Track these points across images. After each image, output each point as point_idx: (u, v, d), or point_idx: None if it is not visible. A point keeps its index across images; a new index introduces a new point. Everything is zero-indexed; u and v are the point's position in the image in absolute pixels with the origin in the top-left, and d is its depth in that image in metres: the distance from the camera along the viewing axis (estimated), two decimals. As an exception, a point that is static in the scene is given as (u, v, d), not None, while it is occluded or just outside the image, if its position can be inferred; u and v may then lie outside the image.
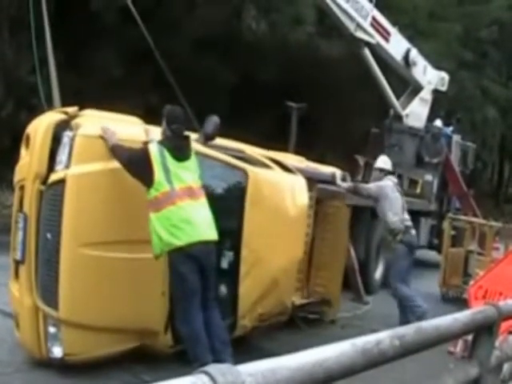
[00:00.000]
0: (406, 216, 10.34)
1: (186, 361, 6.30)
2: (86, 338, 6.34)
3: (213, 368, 2.37)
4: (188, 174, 6.45)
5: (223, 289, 7.39)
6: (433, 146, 17.67)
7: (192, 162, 6.57)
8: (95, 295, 6.28)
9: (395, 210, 10.15)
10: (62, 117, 6.59)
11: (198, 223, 6.34)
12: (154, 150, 6.31)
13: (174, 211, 6.22)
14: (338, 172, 10.77)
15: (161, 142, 6.46)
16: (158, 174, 6.22)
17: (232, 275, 7.42)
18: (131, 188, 6.38)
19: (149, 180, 6.23)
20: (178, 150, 6.47)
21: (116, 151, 6.32)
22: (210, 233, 6.41)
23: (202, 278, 6.35)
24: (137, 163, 6.32)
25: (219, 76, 19.23)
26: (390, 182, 10.43)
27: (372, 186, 10.42)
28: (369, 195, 10.40)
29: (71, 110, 6.70)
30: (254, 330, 7.97)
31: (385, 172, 10.68)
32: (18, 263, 6.59)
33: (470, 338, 7.79)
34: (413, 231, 10.42)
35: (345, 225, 10.26)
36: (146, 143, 6.42)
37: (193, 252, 6.24)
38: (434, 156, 17.53)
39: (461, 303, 11.19)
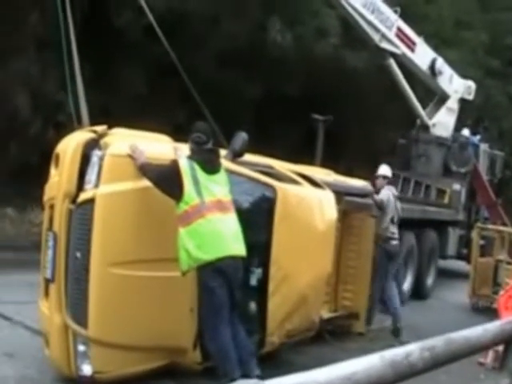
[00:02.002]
0: (393, 228, 11.02)
1: (215, 377, 6.32)
2: (115, 356, 6.37)
3: (242, 383, 2.39)
4: (218, 187, 6.47)
5: (252, 306, 7.38)
6: (460, 156, 17.59)
7: (222, 176, 6.60)
8: (124, 313, 6.31)
9: (386, 218, 10.83)
10: (91, 136, 6.63)
11: (226, 237, 6.35)
12: (183, 163, 6.35)
13: (203, 224, 6.23)
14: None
15: (190, 157, 6.51)
16: (188, 186, 6.24)
17: (261, 292, 7.40)
18: (160, 207, 6.43)
19: (179, 194, 6.24)
20: (208, 163, 6.50)
21: (145, 169, 6.36)
22: (238, 248, 6.42)
23: (229, 293, 6.37)
24: (167, 178, 6.37)
25: (244, 90, 19.25)
26: (390, 193, 11.18)
27: (385, 198, 10.94)
28: (385, 207, 10.93)
29: (100, 128, 6.74)
30: (282, 346, 7.97)
31: (387, 180, 11.49)
32: (47, 281, 6.64)
33: (500, 348, 7.75)
34: (394, 242, 10.97)
35: (370, 237, 10.25)
36: (174, 160, 6.47)
37: (221, 266, 6.24)
38: (461, 165, 17.45)
39: (491, 313, 11.10)
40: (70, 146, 6.63)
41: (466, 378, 7.86)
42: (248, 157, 7.94)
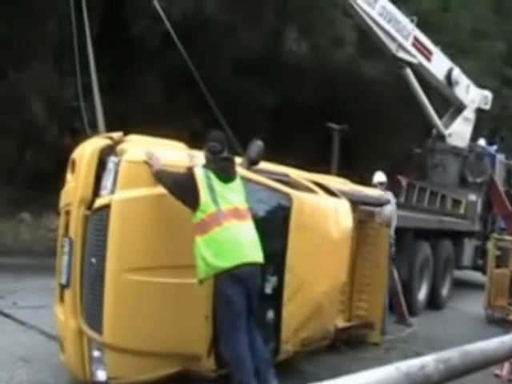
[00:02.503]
0: (393, 235, 11.41)
1: (230, 385, 6.30)
2: (130, 362, 6.37)
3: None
4: (234, 195, 6.47)
5: (266, 313, 7.34)
6: (476, 166, 17.52)
7: (237, 184, 6.60)
8: (139, 320, 6.31)
9: (392, 226, 11.18)
10: (107, 142, 6.66)
11: (244, 244, 6.34)
12: (199, 172, 6.36)
13: (220, 232, 6.22)
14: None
15: (205, 166, 6.51)
16: (204, 195, 6.24)
17: (275, 300, 7.37)
18: (175, 213, 6.42)
19: (195, 203, 6.24)
20: (223, 171, 6.51)
21: (161, 176, 6.38)
22: (255, 254, 6.40)
23: (247, 300, 6.35)
24: (182, 187, 6.37)
25: (260, 98, 19.28)
26: (393, 202, 11.65)
27: (389, 211, 11.14)
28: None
29: (116, 135, 6.77)
30: (297, 355, 7.93)
31: (384, 186, 12.01)
32: (63, 287, 6.65)
33: (516, 360, 7.70)
34: (393, 248, 11.35)
35: (385, 246, 10.22)
36: (190, 168, 6.48)
37: (239, 274, 6.23)
38: (477, 176, 17.37)
39: (506, 325, 11.03)
40: (86, 152, 6.65)
41: (480, 390, 7.79)
42: (264, 165, 7.94)
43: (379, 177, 12.07)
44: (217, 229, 6.21)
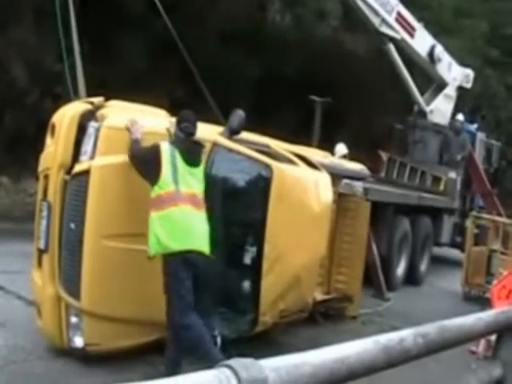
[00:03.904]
0: None
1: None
2: (107, 328, 6.37)
3: (236, 362, 2.36)
4: (195, 181, 6.36)
5: (245, 284, 7.34)
6: (455, 142, 17.51)
7: (200, 171, 6.49)
8: (117, 286, 6.30)
9: None
10: (88, 107, 6.60)
11: (196, 233, 6.25)
12: (165, 148, 6.23)
13: (176, 213, 6.14)
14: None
15: (172, 143, 6.38)
16: (166, 172, 6.14)
17: (254, 271, 7.33)
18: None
19: (155, 177, 6.13)
20: (189, 153, 6.37)
21: (134, 146, 6.30)
22: (205, 247, 6.29)
23: (194, 288, 6.23)
24: (144, 158, 6.29)
25: (244, 69, 19.18)
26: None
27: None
28: None
29: (97, 100, 6.71)
30: (275, 326, 7.94)
31: (347, 158, 12.14)
32: (41, 252, 6.62)
33: (492, 337, 7.74)
34: None
35: (365, 220, 10.23)
36: (156, 142, 6.35)
37: (190, 258, 6.13)
38: (457, 152, 17.36)
39: (483, 302, 11.10)
40: (66, 116, 6.59)
41: (456, 366, 7.81)
42: (245, 135, 7.88)
43: (341, 149, 11.95)
44: (173, 208, 6.12)
